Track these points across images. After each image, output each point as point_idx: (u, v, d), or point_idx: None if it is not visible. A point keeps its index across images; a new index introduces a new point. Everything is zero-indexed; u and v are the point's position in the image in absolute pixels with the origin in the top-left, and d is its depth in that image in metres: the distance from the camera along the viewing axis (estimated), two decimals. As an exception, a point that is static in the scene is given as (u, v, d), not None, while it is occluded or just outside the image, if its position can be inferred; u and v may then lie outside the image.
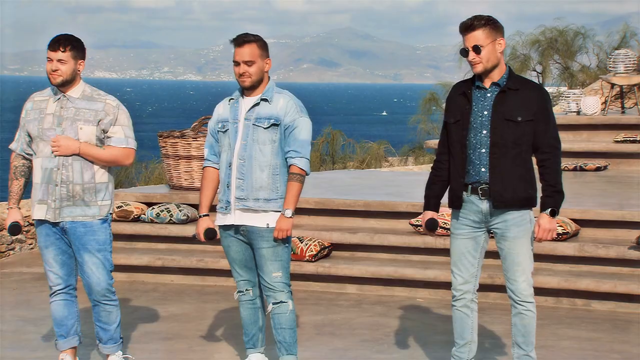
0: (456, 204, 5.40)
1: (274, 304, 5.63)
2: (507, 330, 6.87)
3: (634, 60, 13.33)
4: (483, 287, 7.70)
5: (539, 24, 46.66)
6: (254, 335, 5.84)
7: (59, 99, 5.65)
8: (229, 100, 5.68)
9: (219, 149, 5.68)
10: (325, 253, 8.44)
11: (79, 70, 5.64)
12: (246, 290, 5.77)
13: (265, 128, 5.53)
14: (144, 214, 9.15)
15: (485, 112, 5.28)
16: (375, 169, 17.81)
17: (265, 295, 5.69)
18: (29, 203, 10.54)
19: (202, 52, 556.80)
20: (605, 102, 13.88)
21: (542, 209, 5.26)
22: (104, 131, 5.66)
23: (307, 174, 5.56)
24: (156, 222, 9.07)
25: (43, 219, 5.65)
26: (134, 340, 6.64)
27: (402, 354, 6.37)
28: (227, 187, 5.60)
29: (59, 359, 5.82)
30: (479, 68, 5.27)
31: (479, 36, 5.23)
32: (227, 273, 8.51)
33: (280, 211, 5.53)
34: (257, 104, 5.58)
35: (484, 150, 5.27)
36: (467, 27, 5.27)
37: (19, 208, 5.70)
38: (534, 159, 5.34)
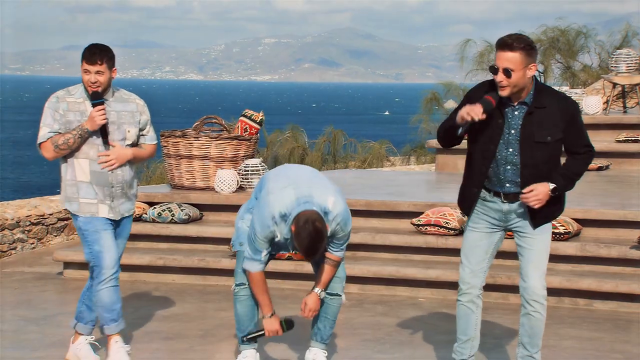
0: (466, 211, 5.38)
1: (328, 294, 5.68)
2: (508, 330, 6.86)
3: (635, 60, 13.31)
4: (484, 287, 7.71)
5: (541, 24, 46.66)
6: None
7: None
8: (284, 239, 5.48)
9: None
10: (326, 253, 8.42)
11: (112, 77, 5.83)
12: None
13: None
14: (146, 214, 9.15)
15: (513, 131, 5.15)
16: (377, 169, 17.81)
17: None
18: (44, 200, 10.54)
19: (203, 52, 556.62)
20: (607, 102, 13.87)
21: (549, 181, 5.16)
22: (141, 130, 5.94)
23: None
24: (158, 222, 9.07)
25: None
26: (135, 339, 6.64)
27: (404, 353, 6.36)
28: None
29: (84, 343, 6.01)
30: (506, 92, 5.09)
31: (513, 59, 5.03)
32: (228, 273, 8.50)
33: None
34: None
35: (509, 167, 5.20)
36: (505, 45, 5.05)
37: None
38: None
